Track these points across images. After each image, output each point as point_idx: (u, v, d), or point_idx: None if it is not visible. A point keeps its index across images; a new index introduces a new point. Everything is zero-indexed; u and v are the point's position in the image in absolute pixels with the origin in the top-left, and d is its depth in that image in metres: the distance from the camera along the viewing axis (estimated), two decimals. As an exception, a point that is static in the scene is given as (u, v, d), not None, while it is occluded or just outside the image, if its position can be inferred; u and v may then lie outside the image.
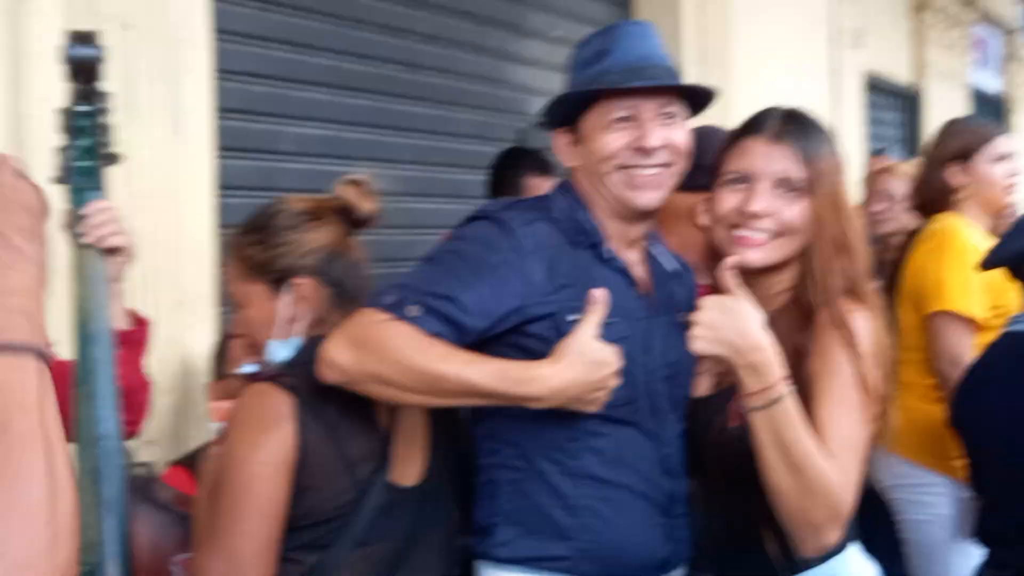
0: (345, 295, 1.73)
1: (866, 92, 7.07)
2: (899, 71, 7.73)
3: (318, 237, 1.75)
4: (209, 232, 2.89)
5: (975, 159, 2.96)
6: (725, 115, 4.70)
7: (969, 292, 2.79)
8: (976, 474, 2.47)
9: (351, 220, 1.80)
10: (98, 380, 1.76)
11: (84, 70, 1.77)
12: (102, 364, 1.76)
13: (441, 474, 1.76)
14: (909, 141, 7.64)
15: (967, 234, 2.89)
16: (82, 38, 1.77)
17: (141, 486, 1.87)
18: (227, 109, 3.08)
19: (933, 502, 2.85)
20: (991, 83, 10.03)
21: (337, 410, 1.62)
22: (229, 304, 2.97)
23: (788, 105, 1.81)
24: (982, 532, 2.42)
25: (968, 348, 2.77)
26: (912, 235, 3.06)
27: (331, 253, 1.74)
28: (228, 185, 3.06)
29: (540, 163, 3.38)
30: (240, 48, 3.17)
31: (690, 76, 5.04)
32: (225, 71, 3.06)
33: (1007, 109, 10.39)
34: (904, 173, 3.63)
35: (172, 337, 2.73)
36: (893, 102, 7.68)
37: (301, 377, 1.62)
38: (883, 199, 3.74)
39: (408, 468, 1.70)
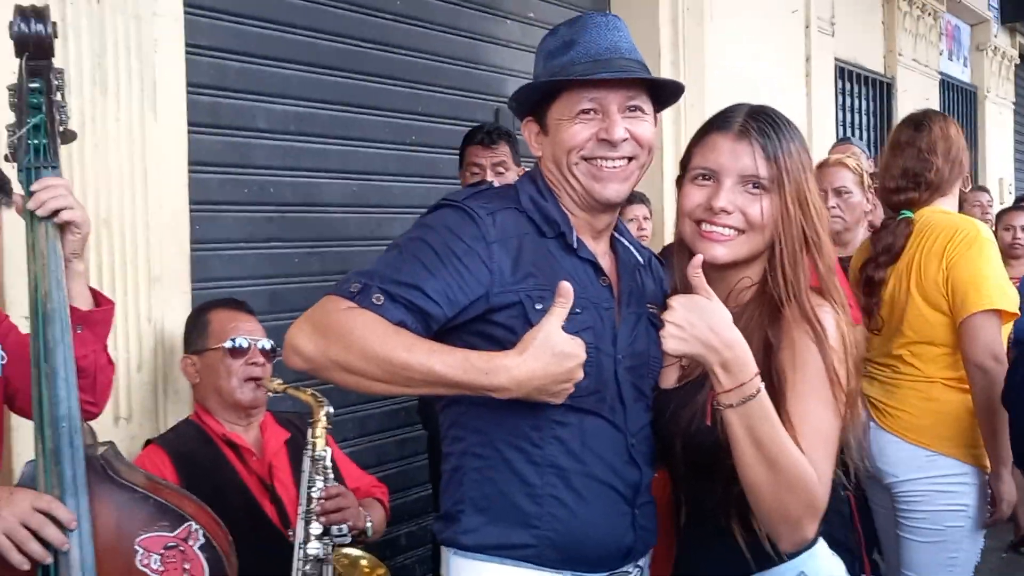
0: None
1: (839, 79, 7.11)
2: (872, 59, 7.78)
3: None
4: (183, 208, 2.88)
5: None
6: (701, 101, 4.71)
7: (1006, 289, 2.84)
8: None
9: None
10: (56, 360, 1.75)
11: (33, 46, 1.72)
12: (60, 344, 1.75)
13: None
14: (881, 129, 7.70)
15: (986, 229, 2.93)
16: (32, 13, 1.72)
17: (103, 466, 1.84)
18: (199, 85, 3.06)
19: (959, 491, 2.88)
20: (961, 73, 10.12)
21: None
22: (200, 279, 2.99)
23: (756, 102, 1.82)
24: None
25: (1002, 342, 2.83)
26: (901, 226, 2.98)
27: None
28: (200, 161, 3.06)
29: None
30: (213, 23, 3.15)
31: (665, 63, 5.07)
32: (197, 46, 3.04)
33: (980, 98, 10.50)
34: (859, 168, 3.62)
35: (147, 314, 2.73)
36: (865, 90, 7.74)
37: None
38: (833, 194, 3.71)
39: None
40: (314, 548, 2.26)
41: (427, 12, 4.00)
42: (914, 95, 7.84)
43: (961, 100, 10.14)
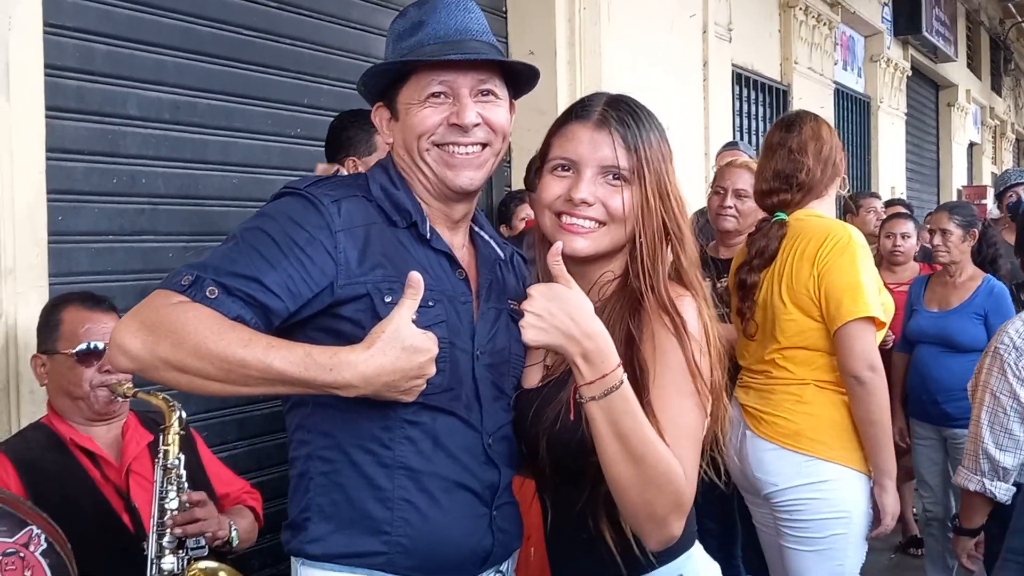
0: None
1: (736, 85, 7.21)
2: (768, 66, 7.91)
3: None
4: (40, 197, 2.72)
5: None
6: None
7: (878, 296, 2.79)
8: None
9: None
10: None
11: None
12: None
13: None
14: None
15: (859, 234, 2.86)
16: None
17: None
18: (62, 68, 2.90)
19: (839, 497, 2.77)
20: (855, 83, 10.39)
21: None
22: (61, 273, 2.83)
23: (616, 92, 1.76)
24: None
25: (877, 351, 2.77)
26: (774, 228, 2.91)
27: None
28: (62, 148, 2.90)
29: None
30: (78, 3, 2.99)
31: (561, 62, 5.04)
32: (59, 27, 2.88)
33: (874, 108, 10.79)
34: (749, 168, 3.63)
35: (-1, 308, 2.57)
36: (762, 96, 7.86)
37: None
38: (732, 195, 3.75)
39: None
40: (168, 563, 2.14)
41: (317, 2, 3.90)
42: (809, 103, 7.99)
43: (855, 109, 10.41)
